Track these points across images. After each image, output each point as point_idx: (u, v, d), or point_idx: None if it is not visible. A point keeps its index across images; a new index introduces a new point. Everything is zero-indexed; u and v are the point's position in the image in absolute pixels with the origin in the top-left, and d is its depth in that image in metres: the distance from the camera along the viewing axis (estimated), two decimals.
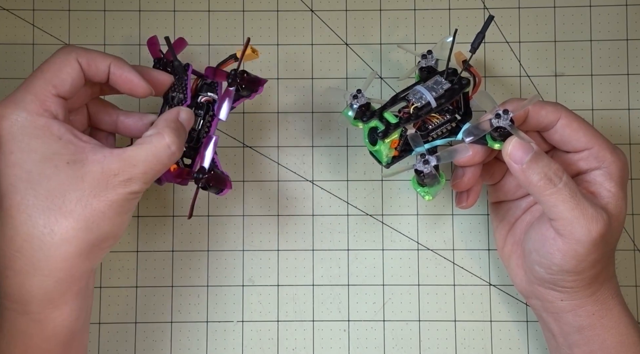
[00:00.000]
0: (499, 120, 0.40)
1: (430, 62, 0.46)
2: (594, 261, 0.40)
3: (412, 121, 0.42)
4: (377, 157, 0.44)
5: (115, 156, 0.37)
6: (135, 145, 0.38)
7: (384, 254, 0.50)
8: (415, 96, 0.43)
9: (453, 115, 0.44)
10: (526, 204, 0.46)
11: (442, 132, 0.44)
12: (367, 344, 0.49)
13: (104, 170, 0.36)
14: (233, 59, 0.44)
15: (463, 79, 0.44)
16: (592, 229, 0.39)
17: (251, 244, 0.50)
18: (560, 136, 0.42)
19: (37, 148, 0.36)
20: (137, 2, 0.52)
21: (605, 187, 0.41)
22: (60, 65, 0.38)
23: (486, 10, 0.51)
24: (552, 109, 0.42)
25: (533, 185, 0.40)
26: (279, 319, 0.49)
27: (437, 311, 0.50)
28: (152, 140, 0.38)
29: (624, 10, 0.51)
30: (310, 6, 0.52)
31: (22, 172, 0.36)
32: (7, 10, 0.51)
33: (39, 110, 0.37)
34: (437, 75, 0.44)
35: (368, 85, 0.45)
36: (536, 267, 0.42)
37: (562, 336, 0.43)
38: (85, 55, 0.39)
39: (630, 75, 0.51)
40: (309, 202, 0.50)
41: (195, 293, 0.50)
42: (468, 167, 0.43)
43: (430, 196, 0.42)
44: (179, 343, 0.49)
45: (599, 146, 0.42)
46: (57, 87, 0.38)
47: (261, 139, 0.51)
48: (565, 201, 0.39)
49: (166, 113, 0.41)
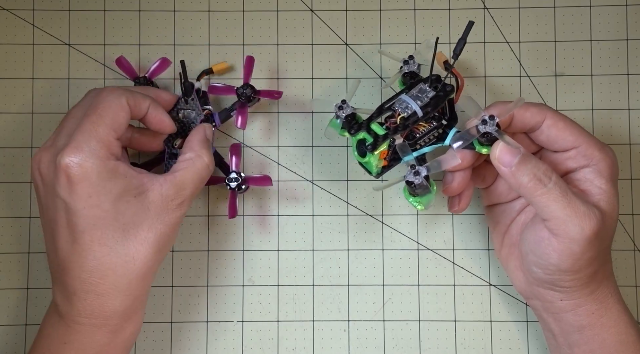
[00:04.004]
0: (485, 126, 0.40)
1: (412, 67, 0.46)
2: (590, 259, 0.40)
3: (399, 132, 0.43)
4: (367, 168, 0.44)
5: (169, 182, 0.42)
6: (181, 169, 0.43)
7: (384, 254, 0.50)
8: (401, 106, 0.43)
9: (439, 121, 0.44)
10: (520, 206, 0.46)
11: (429, 139, 0.44)
12: (367, 344, 0.49)
13: (163, 197, 0.41)
14: (207, 73, 0.50)
15: (447, 85, 0.44)
16: (585, 226, 0.39)
17: (251, 244, 0.50)
18: (546, 136, 0.42)
19: (111, 189, 0.40)
20: (137, 2, 0.51)
21: (596, 185, 0.41)
22: (116, 109, 0.41)
23: (486, 11, 0.51)
24: (537, 110, 0.42)
25: (523, 187, 0.40)
26: (279, 319, 0.49)
27: (437, 311, 0.50)
28: (195, 163, 0.43)
29: (624, 10, 0.51)
30: (310, 6, 0.52)
31: (101, 212, 0.40)
32: (7, 10, 0.51)
33: (107, 155, 0.40)
34: (421, 83, 0.44)
35: (352, 94, 0.45)
36: (534, 268, 0.42)
37: (562, 336, 0.43)
38: (132, 97, 0.42)
39: (630, 75, 0.51)
40: (309, 202, 0.50)
41: (195, 293, 0.50)
42: (457, 172, 0.43)
43: (422, 205, 0.43)
44: (179, 343, 0.49)
45: (586, 144, 0.42)
46: (117, 131, 0.41)
47: (261, 139, 0.51)
48: (557, 200, 0.39)
49: (195, 134, 0.45)
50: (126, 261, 0.40)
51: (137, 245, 0.40)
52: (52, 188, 0.40)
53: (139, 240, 0.40)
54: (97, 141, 0.39)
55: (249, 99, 0.48)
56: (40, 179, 0.41)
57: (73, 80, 0.51)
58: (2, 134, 0.50)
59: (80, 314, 0.40)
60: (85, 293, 0.40)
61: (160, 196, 0.41)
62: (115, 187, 0.40)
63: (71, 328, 0.41)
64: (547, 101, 0.51)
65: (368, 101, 0.51)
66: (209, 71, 0.50)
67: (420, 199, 0.42)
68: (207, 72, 0.50)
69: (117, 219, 0.40)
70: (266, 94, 0.49)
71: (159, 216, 0.41)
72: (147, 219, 0.41)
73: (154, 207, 0.41)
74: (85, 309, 0.40)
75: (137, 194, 0.41)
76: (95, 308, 0.40)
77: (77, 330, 0.41)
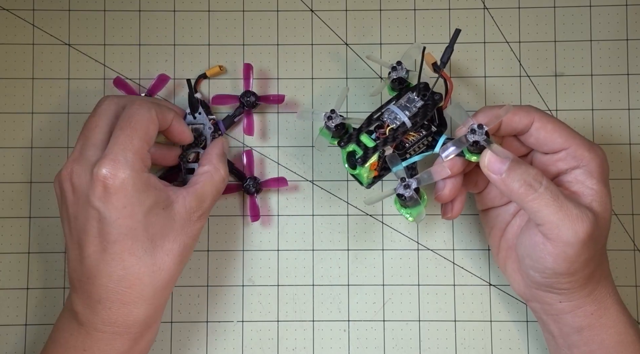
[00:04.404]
0: (474, 135, 0.40)
1: (400, 73, 0.45)
2: (586, 260, 0.40)
3: (389, 143, 0.43)
4: (359, 180, 0.45)
5: (191, 195, 0.43)
6: (200, 182, 0.44)
7: (383, 254, 0.50)
8: (390, 117, 0.43)
9: (429, 130, 0.44)
10: (514, 209, 0.46)
11: (419, 147, 0.44)
12: (367, 344, 0.49)
13: (186, 209, 0.43)
14: (202, 78, 0.50)
15: (435, 94, 0.44)
16: (578, 230, 0.39)
17: (251, 244, 0.50)
18: (535, 138, 0.42)
19: (144, 201, 0.41)
20: (137, 2, 0.51)
21: (587, 186, 0.41)
22: (147, 122, 0.42)
23: (486, 11, 0.51)
24: (525, 113, 0.42)
25: (514, 193, 0.40)
26: (279, 319, 0.49)
27: (437, 311, 0.50)
28: (213, 176, 0.45)
29: (624, 10, 0.51)
30: (310, 6, 0.52)
31: (134, 223, 0.40)
32: (7, 10, 0.51)
33: (141, 167, 0.41)
34: (409, 92, 0.44)
35: (341, 103, 0.45)
36: (531, 271, 0.42)
37: (561, 337, 0.43)
38: (160, 110, 0.43)
39: (630, 75, 0.51)
40: (309, 202, 0.50)
41: (195, 293, 0.50)
42: (448, 180, 0.43)
43: (412, 217, 0.43)
44: (179, 343, 0.49)
45: (575, 145, 0.41)
46: (149, 143, 0.42)
47: (261, 139, 0.51)
48: (549, 204, 0.39)
49: (214, 147, 0.47)
50: (153, 270, 0.41)
51: (164, 255, 0.42)
52: (85, 198, 0.40)
53: (165, 251, 0.42)
54: (133, 153, 0.40)
55: (252, 106, 0.49)
56: (71, 190, 0.42)
57: (73, 80, 0.51)
58: (2, 134, 0.50)
59: (104, 323, 0.41)
60: (111, 302, 0.41)
61: (184, 208, 0.43)
62: (148, 199, 0.41)
63: (92, 335, 0.41)
64: (547, 101, 0.51)
65: (367, 101, 0.51)
66: (203, 76, 0.50)
67: (411, 210, 0.42)
68: (202, 77, 0.50)
69: (147, 230, 0.41)
70: (269, 100, 0.50)
71: (183, 228, 0.42)
72: (173, 231, 0.42)
73: (179, 219, 0.42)
74: (110, 317, 0.41)
75: (165, 206, 0.42)
76: (120, 317, 0.41)
77: (99, 338, 0.41)
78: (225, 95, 0.50)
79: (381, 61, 0.48)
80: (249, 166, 0.49)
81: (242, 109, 0.49)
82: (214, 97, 0.50)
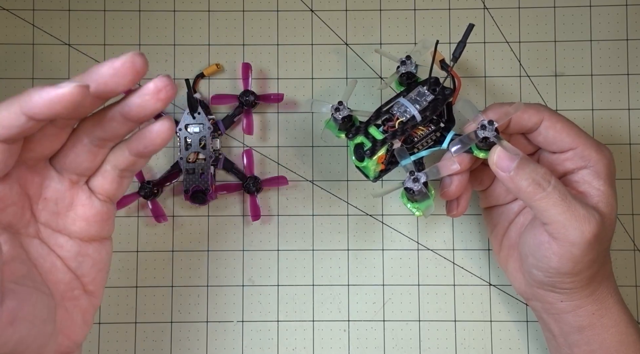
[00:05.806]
0: (484, 131, 0.40)
1: (409, 67, 0.45)
2: (591, 261, 0.40)
3: (398, 137, 0.42)
4: (365, 173, 0.44)
5: None
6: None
7: (384, 254, 0.50)
8: (400, 110, 0.43)
9: (437, 125, 0.44)
10: (518, 208, 0.46)
11: (427, 142, 0.44)
12: (367, 344, 0.49)
13: None
14: (200, 77, 0.51)
15: (446, 88, 0.43)
16: (585, 230, 0.39)
17: (251, 244, 0.50)
18: (544, 137, 0.42)
19: None
20: (137, 2, 0.52)
21: (594, 186, 0.41)
22: None
23: (486, 11, 0.52)
24: (534, 111, 0.42)
25: (522, 191, 0.40)
26: (279, 319, 0.49)
27: (437, 311, 0.50)
28: None
29: (624, 10, 0.51)
30: (310, 6, 0.52)
31: None
32: (7, 10, 0.51)
33: None
34: (419, 86, 0.44)
35: (349, 95, 0.45)
36: (534, 270, 0.42)
37: (562, 337, 0.43)
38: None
39: (630, 75, 0.51)
40: (309, 202, 0.50)
41: (195, 293, 0.50)
42: (455, 176, 0.43)
43: (420, 211, 0.42)
44: (179, 343, 0.49)
45: (583, 145, 0.41)
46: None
47: (261, 139, 0.51)
48: (556, 204, 0.39)
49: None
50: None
51: None
52: None
53: None
54: None
55: (252, 105, 0.49)
56: None
57: None
58: None
59: None
60: None
61: None
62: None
63: None
64: (547, 101, 0.51)
65: (367, 101, 0.51)
66: (201, 76, 0.50)
67: (419, 205, 0.42)
68: (200, 76, 0.50)
69: None
70: (268, 99, 0.50)
71: None
72: None
73: None
74: None
75: None
76: None
77: None
78: (224, 95, 0.50)
79: (390, 55, 0.47)
80: (249, 166, 0.49)
81: (241, 108, 0.49)
82: (213, 97, 0.50)
